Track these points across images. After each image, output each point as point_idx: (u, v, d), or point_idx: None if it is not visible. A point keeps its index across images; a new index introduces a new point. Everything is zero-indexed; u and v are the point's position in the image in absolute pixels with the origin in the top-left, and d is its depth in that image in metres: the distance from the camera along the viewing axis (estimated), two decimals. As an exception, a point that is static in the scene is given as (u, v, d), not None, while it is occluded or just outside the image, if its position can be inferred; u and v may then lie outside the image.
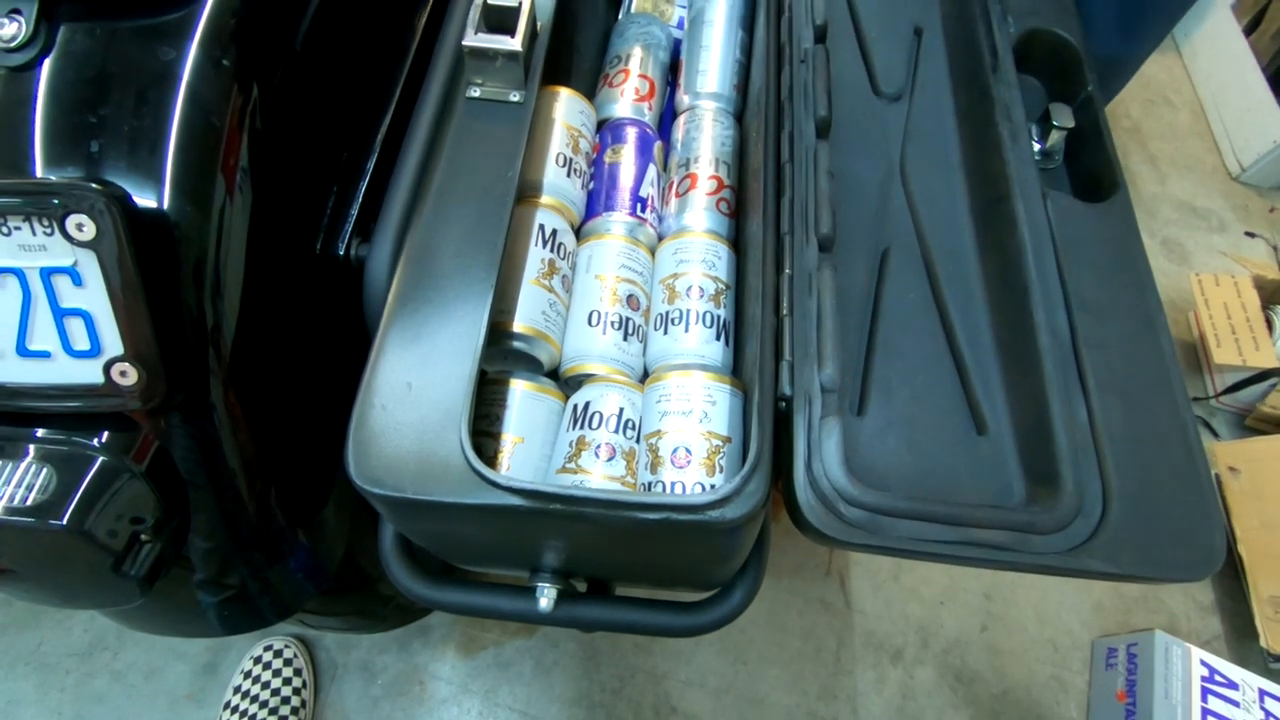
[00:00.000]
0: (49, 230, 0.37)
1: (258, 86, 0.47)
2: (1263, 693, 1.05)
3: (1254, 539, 1.21)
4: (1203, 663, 1.06)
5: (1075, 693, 1.15)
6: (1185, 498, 0.40)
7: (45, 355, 0.40)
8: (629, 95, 0.63)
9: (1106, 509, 0.39)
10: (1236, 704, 1.03)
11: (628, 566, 0.51)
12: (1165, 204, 1.70)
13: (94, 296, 0.39)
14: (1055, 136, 0.54)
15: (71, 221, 0.37)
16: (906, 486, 0.42)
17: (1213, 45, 1.86)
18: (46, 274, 0.38)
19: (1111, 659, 1.15)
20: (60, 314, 0.39)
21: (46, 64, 0.41)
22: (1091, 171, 0.53)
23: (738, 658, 1.12)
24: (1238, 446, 1.31)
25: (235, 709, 0.96)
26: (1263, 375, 1.33)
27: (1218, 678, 1.05)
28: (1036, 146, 0.54)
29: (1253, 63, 1.70)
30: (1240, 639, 1.21)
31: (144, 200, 0.41)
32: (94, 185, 0.37)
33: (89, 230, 0.37)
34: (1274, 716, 1.03)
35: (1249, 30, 1.75)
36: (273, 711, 0.95)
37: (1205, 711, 1.02)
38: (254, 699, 0.96)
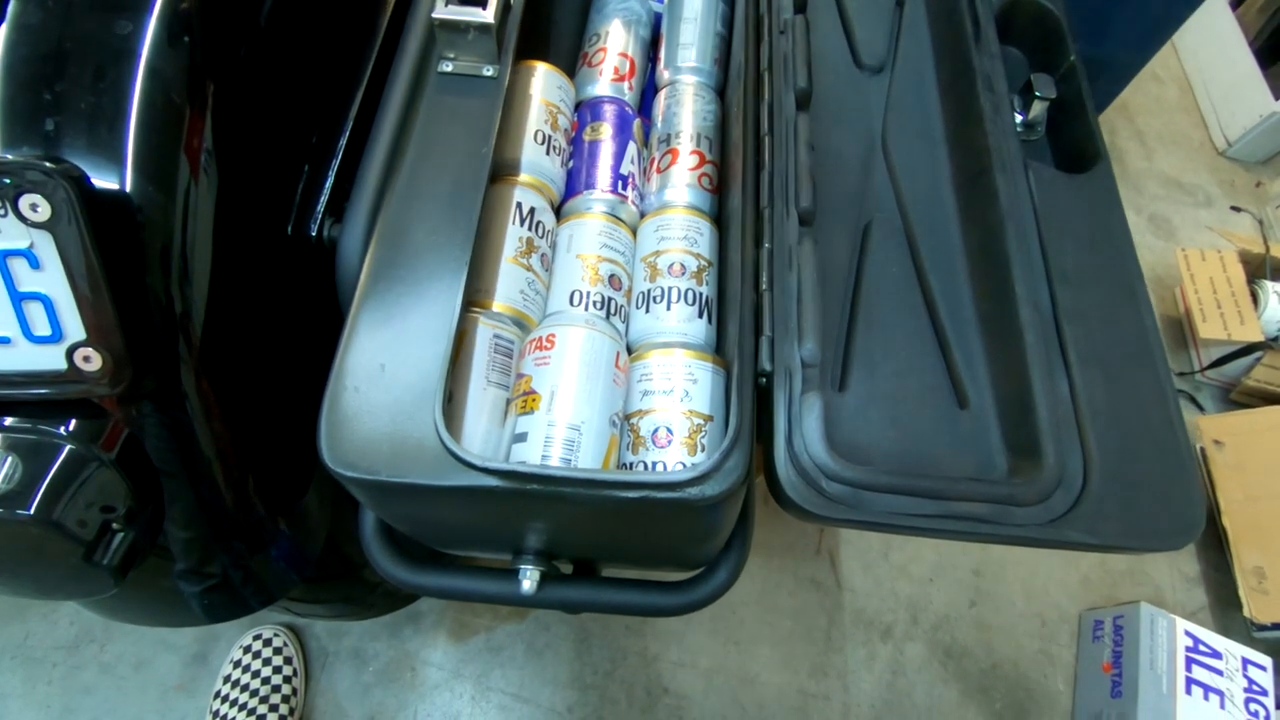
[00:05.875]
0: (2, 212, 0.36)
1: (222, 63, 0.45)
2: (1246, 661, 1.06)
3: (1238, 511, 1.22)
4: (1187, 633, 1.07)
5: (1063, 666, 1.17)
6: (1165, 468, 0.40)
7: (5, 341, 0.39)
8: (607, 75, 0.62)
9: (1087, 480, 0.39)
10: (1220, 673, 1.05)
11: (611, 547, 0.51)
12: (1152, 179, 1.70)
13: (52, 280, 0.38)
14: (1038, 107, 0.53)
15: (25, 202, 0.35)
16: (889, 461, 0.41)
17: (1200, 19, 1.84)
18: (2, 257, 0.37)
19: (1098, 632, 1.16)
20: (18, 298, 0.38)
21: (-3, 38, 0.40)
22: (1074, 142, 0.52)
23: (729, 638, 1.13)
24: (1223, 420, 1.32)
25: (226, 698, 0.96)
26: (1248, 349, 1.34)
27: (1202, 648, 1.06)
28: (1019, 118, 0.54)
29: (1239, 37, 1.70)
30: (1224, 609, 1.23)
31: (103, 181, 0.39)
32: (47, 164, 0.35)
33: (43, 211, 0.36)
34: (1256, 684, 1.05)
35: (1235, 4, 1.74)
36: (263, 700, 0.94)
37: (1190, 681, 1.03)
38: (244, 688, 0.96)
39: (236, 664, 0.98)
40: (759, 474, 0.42)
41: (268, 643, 0.99)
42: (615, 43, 0.63)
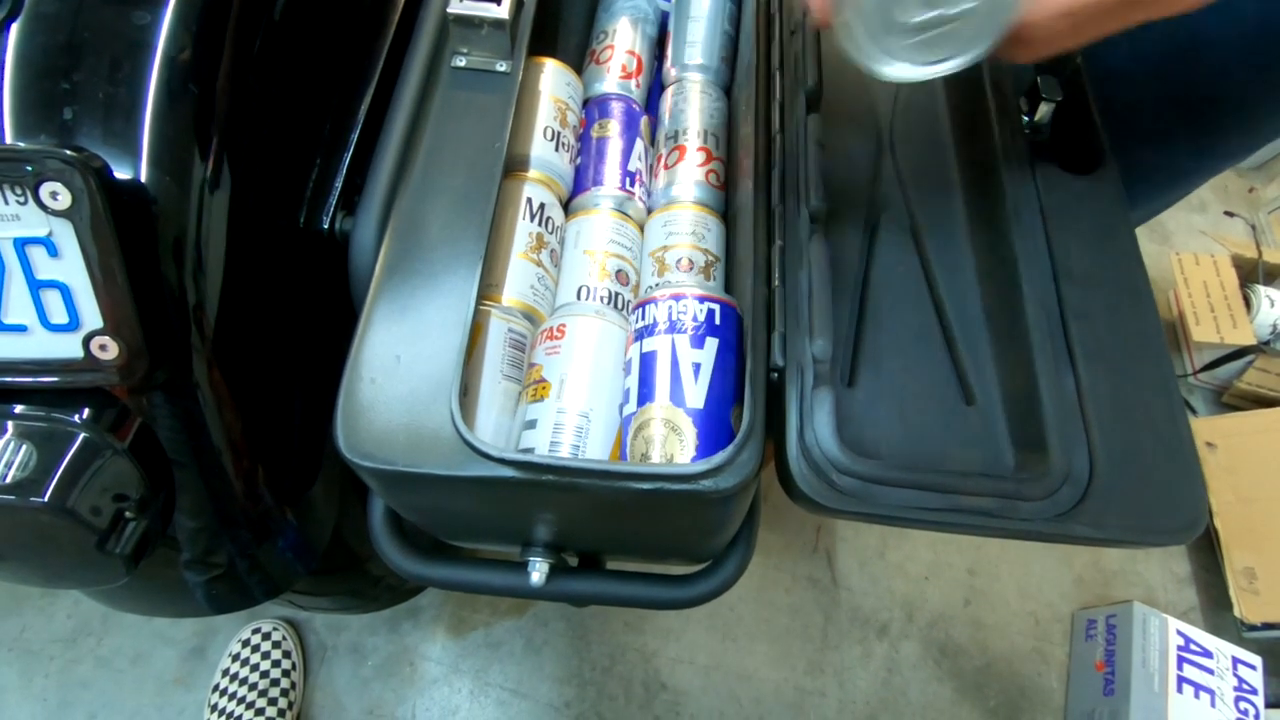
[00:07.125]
0: (22, 199, 0.36)
1: (236, 55, 0.45)
2: (1236, 660, 1.08)
3: (1229, 512, 1.23)
4: (1179, 632, 1.09)
5: (1056, 664, 1.18)
6: (1169, 463, 0.40)
7: (22, 329, 0.39)
8: (615, 72, 0.62)
9: (1092, 476, 0.40)
10: (1211, 671, 1.06)
11: (620, 539, 0.51)
12: (1147, 184, 1.72)
13: (71, 268, 0.38)
14: (1043, 109, 0.54)
15: (45, 190, 0.36)
16: (897, 456, 0.42)
17: (1195, 26, 1.86)
18: (20, 244, 0.37)
19: (1091, 630, 1.18)
20: (36, 286, 0.38)
21: (15, 28, 0.40)
22: (1079, 144, 0.53)
23: (726, 634, 1.14)
24: (1215, 422, 1.34)
25: (224, 692, 0.96)
26: (1240, 352, 1.36)
27: (1193, 647, 1.08)
28: (1025, 119, 0.54)
29: (1234, 43, 1.71)
30: (1215, 609, 1.25)
31: (120, 171, 0.40)
32: (68, 152, 0.36)
33: (64, 199, 0.36)
34: (1246, 683, 1.06)
35: (1231, 11, 1.76)
36: (262, 694, 0.94)
37: (1181, 679, 1.05)
38: (243, 681, 0.96)
39: (235, 658, 0.98)
40: (766, 466, 0.43)
41: (266, 637, 0.99)
42: (623, 40, 0.64)
